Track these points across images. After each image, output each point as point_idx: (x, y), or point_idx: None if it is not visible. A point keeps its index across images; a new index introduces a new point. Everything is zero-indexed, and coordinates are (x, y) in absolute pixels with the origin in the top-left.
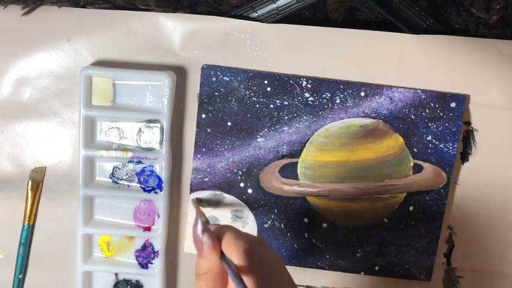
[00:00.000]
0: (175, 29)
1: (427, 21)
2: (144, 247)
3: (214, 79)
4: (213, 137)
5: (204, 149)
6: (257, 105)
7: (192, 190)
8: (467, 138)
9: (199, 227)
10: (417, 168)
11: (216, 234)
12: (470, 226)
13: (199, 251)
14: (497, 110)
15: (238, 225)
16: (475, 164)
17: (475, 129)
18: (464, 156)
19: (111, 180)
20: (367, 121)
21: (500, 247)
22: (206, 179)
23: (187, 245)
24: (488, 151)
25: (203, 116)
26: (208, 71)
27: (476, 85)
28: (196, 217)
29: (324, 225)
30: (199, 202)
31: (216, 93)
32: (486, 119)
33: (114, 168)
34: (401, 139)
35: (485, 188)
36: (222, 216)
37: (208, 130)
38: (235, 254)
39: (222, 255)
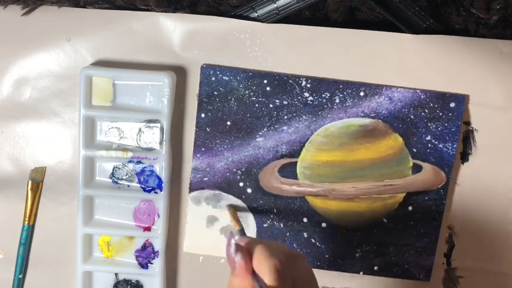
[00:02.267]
0: (175, 29)
1: (427, 21)
2: (144, 247)
3: (213, 79)
4: (213, 137)
5: (203, 149)
6: (256, 105)
7: (191, 190)
8: (467, 138)
9: (233, 246)
10: (416, 168)
11: (249, 250)
12: (470, 226)
13: (233, 269)
14: (497, 110)
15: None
16: (475, 164)
17: (475, 129)
18: (464, 156)
19: (111, 180)
20: (367, 121)
21: (500, 247)
22: (205, 179)
23: (187, 245)
24: (488, 151)
25: (202, 115)
26: (207, 70)
27: (476, 85)
28: (229, 236)
29: (323, 225)
30: (234, 208)
31: (216, 93)
32: (486, 119)
33: (114, 168)
34: (400, 139)
35: (485, 188)
36: (221, 216)
37: (208, 130)
38: (266, 274)
39: (254, 273)
